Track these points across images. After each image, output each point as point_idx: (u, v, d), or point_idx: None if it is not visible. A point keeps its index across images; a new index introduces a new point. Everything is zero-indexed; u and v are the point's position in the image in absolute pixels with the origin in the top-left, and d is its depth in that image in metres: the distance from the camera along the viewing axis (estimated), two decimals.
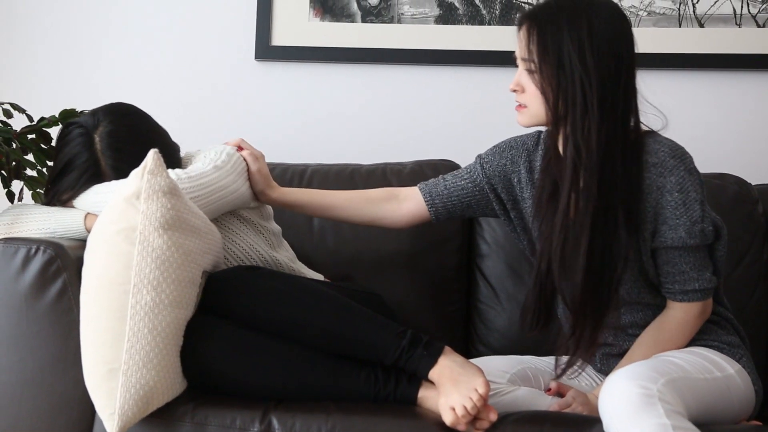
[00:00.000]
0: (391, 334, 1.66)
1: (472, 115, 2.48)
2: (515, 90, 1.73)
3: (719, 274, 1.75)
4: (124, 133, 1.82)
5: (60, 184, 1.81)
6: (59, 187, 1.81)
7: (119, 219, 1.60)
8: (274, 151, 2.28)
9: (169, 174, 1.64)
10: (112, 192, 1.72)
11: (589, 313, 1.65)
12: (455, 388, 1.59)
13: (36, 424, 1.68)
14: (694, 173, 1.67)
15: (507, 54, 2.44)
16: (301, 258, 2.09)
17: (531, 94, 1.70)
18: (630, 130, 1.67)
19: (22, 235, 1.77)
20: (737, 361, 1.70)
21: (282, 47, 2.48)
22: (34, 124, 1.91)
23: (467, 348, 2.16)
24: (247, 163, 1.89)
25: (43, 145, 1.91)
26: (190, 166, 1.83)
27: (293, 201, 1.97)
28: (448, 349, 1.66)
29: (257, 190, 1.91)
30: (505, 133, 2.07)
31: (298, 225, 2.19)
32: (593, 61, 1.62)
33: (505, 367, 1.79)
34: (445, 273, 2.18)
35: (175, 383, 1.63)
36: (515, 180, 1.88)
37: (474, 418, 1.59)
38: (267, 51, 2.48)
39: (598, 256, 1.64)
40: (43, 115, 1.93)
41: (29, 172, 1.90)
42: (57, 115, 1.91)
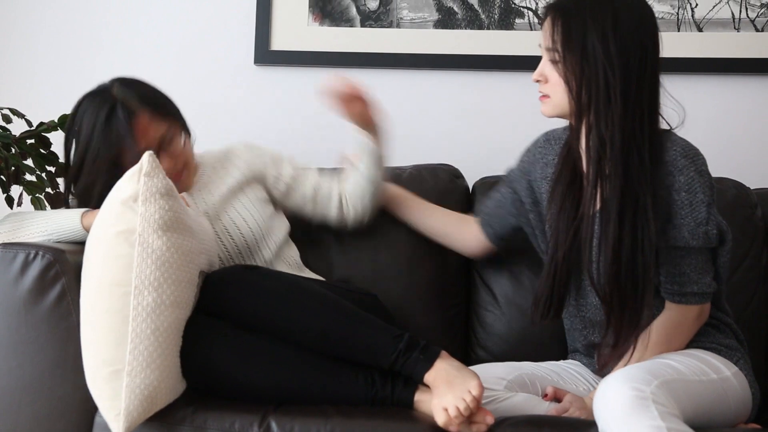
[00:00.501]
0: (388, 337, 1.66)
1: (472, 120, 2.48)
2: (538, 80, 1.75)
3: (720, 279, 1.75)
4: (139, 84, 1.92)
5: (90, 151, 1.83)
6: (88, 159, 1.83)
7: (117, 222, 1.60)
8: None
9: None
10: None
11: (622, 300, 1.65)
12: (449, 389, 1.59)
13: (35, 430, 1.68)
14: (705, 175, 1.67)
15: (506, 58, 2.46)
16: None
17: (554, 84, 1.71)
18: (655, 122, 1.68)
19: (22, 240, 1.78)
20: (734, 363, 1.70)
21: (281, 52, 2.49)
22: (33, 129, 1.92)
23: (466, 352, 2.15)
24: None
25: (42, 150, 1.91)
26: None
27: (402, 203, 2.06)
28: (444, 353, 1.66)
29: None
30: (504, 136, 2.08)
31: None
32: (616, 50, 1.63)
33: (502, 374, 1.79)
34: (445, 277, 2.18)
35: (177, 383, 1.64)
36: (533, 179, 1.91)
37: (471, 422, 1.59)
38: (266, 55, 2.49)
39: (628, 243, 1.63)
40: (42, 120, 1.94)
41: (28, 177, 1.90)
42: (56, 120, 1.91)
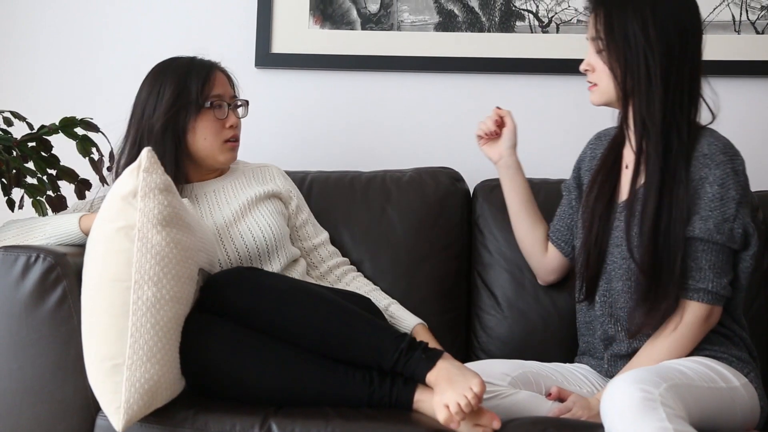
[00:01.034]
0: (390, 337, 1.67)
1: (472, 123, 2.47)
2: (586, 70, 1.83)
3: (740, 287, 1.76)
4: None
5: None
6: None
7: (117, 217, 1.61)
8: (273, 158, 2.29)
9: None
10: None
11: (657, 268, 1.70)
12: (450, 386, 1.59)
13: None
14: (741, 175, 1.72)
15: (507, 61, 2.46)
16: None
17: (600, 72, 1.79)
18: (695, 104, 1.76)
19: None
20: (745, 375, 1.70)
21: (282, 55, 2.49)
22: (34, 132, 1.91)
23: (468, 356, 2.15)
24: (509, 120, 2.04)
25: (43, 153, 1.91)
26: None
27: (518, 176, 2.04)
28: (446, 354, 1.67)
29: (511, 144, 2.03)
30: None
31: None
32: (656, 34, 1.71)
33: (506, 370, 1.80)
34: (446, 280, 2.18)
35: (177, 379, 1.65)
36: (582, 173, 1.99)
37: (476, 425, 1.59)
38: (267, 58, 2.49)
39: (666, 216, 1.70)
40: (44, 123, 1.93)
41: (29, 180, 1.90)
42: (57, 123, 1.91)
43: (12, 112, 1.92)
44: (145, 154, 1.63)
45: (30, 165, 1.90)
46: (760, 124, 2.43)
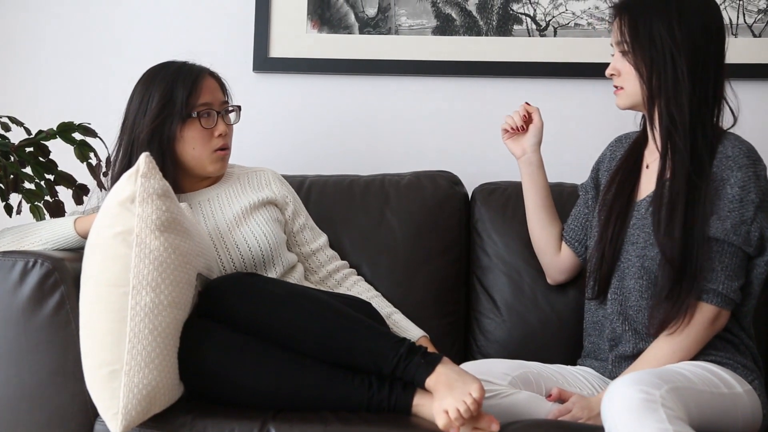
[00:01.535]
0: (390, 342, 1.67)
1: (470, 126, 2.48)
2: (612, 74, 1.85)
3: (752, 294, 1.76)
4: None
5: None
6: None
7: (115, 223, 1.61)
8: (272, 162, 2.29)
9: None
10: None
11: (683, 261, 1.70)
12: (450, 392, 1.59)
13: None
14: (762, 180, 1.73)
15: (504, 65, 2.46)
16: None
17: (626, 74, 1.81)
18: (719, 101, 1.78)
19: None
20: (749, 383, 1.70)
21: (280, 59, 2.49)
22: (32, 137, 1.91)
23: (466, 359, 2.13)
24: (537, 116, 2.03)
25: (41, 158, 1.91)
26: None
27: (539, 174, 2.04)
28: (446, 359, 1.66)
29: (536, 141, 2.02)
30: (503, 143, 2.07)
31: None
32: (682, 35, 1.74)
33: (507, 370, 1.80)
34: (444, 283, 2.18)
35: (175, 384, 1.65)
36: (600, 174, 1.99)
37: (475, 428, 1.59)
38: (265, 63, 2.49)
39: (692, 213, 1.71)
40: (41, 128, 1.93)
41: (27, 185, 1.90)
42: (55, 128, 1.91)
43: (10, 117, 1.92)
44: (143, 160, 1.63)
45: (28, 170, 1.90)
46: (758, 127, 2.42)
